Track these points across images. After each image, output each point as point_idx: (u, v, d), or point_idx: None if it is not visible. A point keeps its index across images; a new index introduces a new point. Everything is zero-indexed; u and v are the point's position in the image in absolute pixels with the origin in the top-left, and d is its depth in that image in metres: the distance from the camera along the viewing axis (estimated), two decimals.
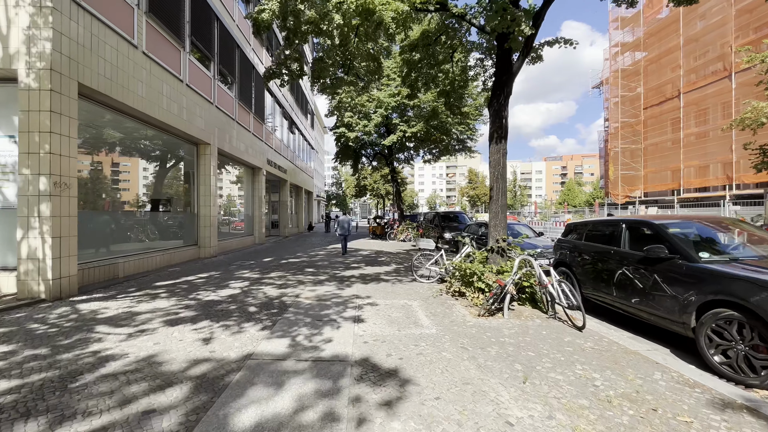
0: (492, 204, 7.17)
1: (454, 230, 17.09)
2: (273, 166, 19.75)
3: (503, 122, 7.08)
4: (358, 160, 26.02)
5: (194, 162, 11.71)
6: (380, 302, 6.41)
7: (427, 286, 7.99)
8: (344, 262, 11.61)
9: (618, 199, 29.31)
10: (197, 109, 10.96)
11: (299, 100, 27.82)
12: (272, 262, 11.35)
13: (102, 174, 8.33)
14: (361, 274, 9.40)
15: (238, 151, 14.37)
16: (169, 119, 9.36)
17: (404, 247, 17.76)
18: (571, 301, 5.26)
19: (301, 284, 7.90)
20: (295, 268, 10.15)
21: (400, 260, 12.40)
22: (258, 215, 17.61)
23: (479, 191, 62.97)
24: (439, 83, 10.79)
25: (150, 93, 8.57)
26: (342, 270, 10.01)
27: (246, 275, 8.93)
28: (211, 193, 11.84)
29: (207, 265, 10.53)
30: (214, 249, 12.14)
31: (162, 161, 10.67)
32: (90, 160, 7.90)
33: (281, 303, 6.21)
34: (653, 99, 27.52)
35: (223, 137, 12.90)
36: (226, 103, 13.23)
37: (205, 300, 6.30)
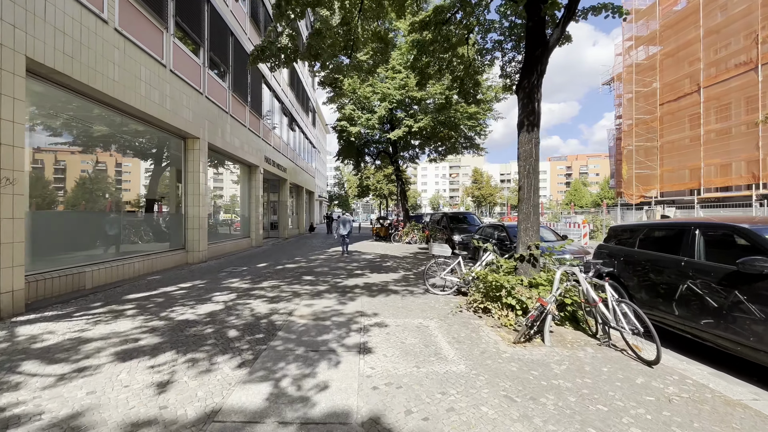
0: (522, 204, 6.04)
1: (463, 232, 15.96)
2: (271, 165, 18.68)
3: (535, 106, 5.96)
4: (361, 159, 24.94)
5: (182, 158, 10.64)
6: (390, 322, 5.29)
7: (443, 299, 6.87)
8: (346, 269, 10.51)
9: (632, 200, 28.06)
10: (184, 98, 9.89)
11: (300, 96, 26.76)
12: (267, 268, 10.26)
13: (67, 169, 7.26)
14: (366, 283, 8.28)
15: (232, 147, 13.29)
16: (149, 108, 8.29)
17: (410, 250, 16.64)
18: (635, 326, 4.13)
19: (296, 297, 6.79)
20: (292, 276, 9.05)
21: (408, 265, 11.29)
22: (255, 216, 16.54)
23: (484, 191, 61.72)
24: (452, 68, 9.69)
25: (125, 77, 7.49)
26: (344, 278, 8.90)
27: (235, 285, 7.83)
28: (200, 192, 10.77)
29: (193, 272, 9.44)
30: (203, 253, 11.06)
31: (143, 156, 9.60)
32: (53, 153, 6.83)
33: (270, 324, 5.10)
34: (670, 94, 26.28)
35: (214, 131, 11.83)
36: (218, 95, 12.16)
37: (177, 320, 5.20)
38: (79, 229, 7.27)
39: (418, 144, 24.40)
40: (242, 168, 16.02)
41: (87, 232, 7.48)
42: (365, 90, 16.84)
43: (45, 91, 6.23)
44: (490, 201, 60.55)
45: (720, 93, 22.75)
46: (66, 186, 7.22)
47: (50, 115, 6.63)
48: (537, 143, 5.96)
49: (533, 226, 5.93)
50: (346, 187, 65.87)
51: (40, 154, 6.55)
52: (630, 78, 28.93)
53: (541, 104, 6.03)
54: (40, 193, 6.57)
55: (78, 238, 7.20)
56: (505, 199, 61.76)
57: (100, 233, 7.85)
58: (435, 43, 8.83)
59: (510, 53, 9.48)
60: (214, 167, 13.73)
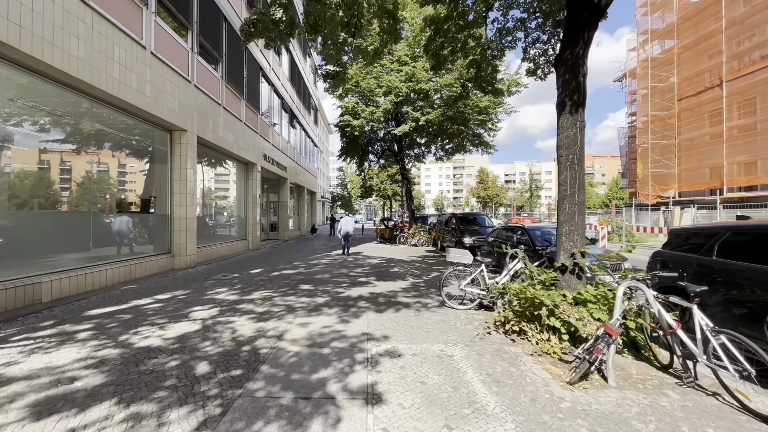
0: (564, 202, 4.95)
1: (474, 235, 14.86)
2: (270, 162, 17.66)
3: (581, 82, 4.87)
4: (365, 157, 23.90)
5: (167, 152, 9.62)
6: (404, 349, 4.22)
7: (464, 314, 5.79)
8: (349, 275, 9.44)
9: (648, 200, 26.81)
10: (168, 86, 8.87)
11: (301, 92, 25.76)
12: (261, 275, 9.21)
13: (25, 163, 6.24)
14: (372, 293, 7.20)
15: (225, 141, 12.27)
16: (124, 93, 7.27)
17: (417, 253, 15.56)
18: (744, 367, 3.03)
19: (290, 312, 5.73)
20: (288, 285, 7.98)
21: (417, 271, 10.21)
22: (252, 217, 15.51)
23: (490, 192, 60.40)
24: (468, 51, 8.61)
25: (93, 55, 6.47)
26: (347, 287, 7.83)
27: (220, 296, 6.78)
28: (187, 190, 9.74)
29: (178, 279, 8.40)
30: (192, 258, 10.02)
31: (121, 149, 8.58)
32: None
33: (252, 353, 4.03)
34: (689, 89, 25.05)
35: (205, 124, 10.81)
36: (209, 84, 11.15)
37: (137, 347, 4.14)
38: (35, 232, 6.25)
39: (424, 142, 23.35)
40: (238, 166, 15.00)
41: (48, 235, 6.45)
42: (369, 82, 15.79)
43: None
44: (497, 202, 59.22)
45: (744, 87, 21.51)
46: (20, 183, 6.20)
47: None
48: (582, 127, 4.87)
49: (578, 230, 4.84)
50: (349, 188, 64.86)
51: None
52: (645, 73, 27.71)
53: (586, 80, 4.93)
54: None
55: (35, 242, 6.17)
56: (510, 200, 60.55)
57: (64, 237, 6.82)
58: (450, 21, 7.77)
59: (534, 33, 8.39)
60: (206, 164, 12.72)
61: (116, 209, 8.33)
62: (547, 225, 10.60)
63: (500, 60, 9.13)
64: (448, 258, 6.34)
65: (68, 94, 6.57)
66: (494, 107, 16.55)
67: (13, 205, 5.95)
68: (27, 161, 6.25)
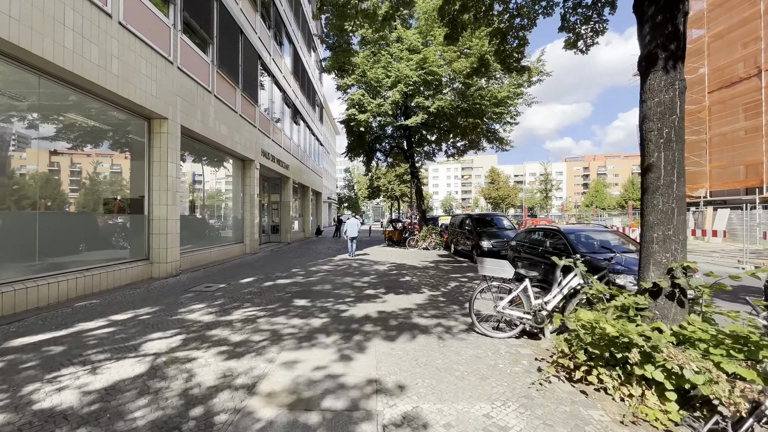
0: (655, 196, 3.49)
1: (493, 238, 13.40)
2: (270, 160, 16.40)
3: (678, 26, 3.44)
4: (372, 156, 22.52)
5: (145, 144, 8.36)
6: (431, 415, 2.82)
7: (504, 346, 4.38)
8: (354, 286, 8.06)
9: None
10: (143, 65, 7.60)
11: (305, 88, 24.53)
12: (251, 286, 7.88)
13: None
14: (381, 312, 5.81)
15: (216, 134, 11.00)
16: (81, 68, 6.00)
17: (429, 258, 14.14)
18: None
19: (274, 342, 4.36)
20: (280, 299, 6.63)
21: (432, 280, 8.80)
22: (249, 218, 14.24)
23: (502, 192, 58.45)
24: (493, 18, 7.21)
25: (33, 16, 5.20)
26: (351, 303, 6.45)
27: (192, 316, 5.44)
28: (168, 187, 8.47)
29: (151, 292, 7.10)
30: (173, 265, 8.74)
31: (80, 137, 7.31)
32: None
33: (203, 425, 2.66)
34: (720, 81, 23.26)
35: (191, 113, 9.54)
36: (196, 68, 9.89)
37: (33, 411, 2.79)
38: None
39: (435, 139, 21.93)
40: (234, 162, 13.74)
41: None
42: (377, 72, 14.43)
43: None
44: (509, 203, 57.27)
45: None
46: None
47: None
48: (682, 90, 3.43)
49: (678, 235, 3.39)
50: (356, 189, 63.65)
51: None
52: None
53: (686, 27, 3.49)
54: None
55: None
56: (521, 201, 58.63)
57: (9, 242, 5.55)
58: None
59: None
60: (195, 159, 11.46)
61: (77, 208, 7.07)
62: (584, 227, 9.10)
63: (529, 30, 7.68)
64: (481, 270, 4.91)
65: (4, 65, 5.31)
66: (513, 98, 15.05)
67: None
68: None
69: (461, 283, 8.76)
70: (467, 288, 8.07)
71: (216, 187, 13.13)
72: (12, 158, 5.81)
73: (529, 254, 9.14)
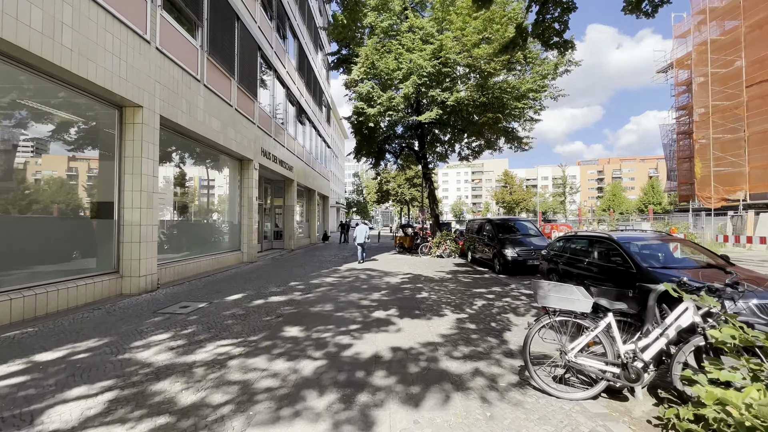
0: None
1: (518, 246, 11.89)
2: (272, 160, 15.15)
3: None
4: (381, 156, 21.19)
5: (116, 136, 7.10)
6: None
7: (583, 417, 2.90)
8: (360, 305, 6.64)
9: (710, 203, 23.08)
10: (110, 41, 6.36)
11: (311, 86, 23.36)
12: (236, 305, 6.52)
13: None
14: (396, 350, 4.36)
15: (207, 129, 9.75)
16: (15, 35, 4.75)
17: (445, 267, 12.67)
18: None
19: (239, 409, 2.95)
20: (265, 327, 5.23)
21: (454, 297, 7.33)
22: (247, 223, 12.96)
23: (516, 196, 56.33)
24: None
25: None
26: (356, 332, 5.02)
27: (144, 355, 4.08)
28: (142, 187, 7.19)
29: (112, 314, 5.78)
30: (150, 279, 7.44)
31: (38, 129, 6.07)
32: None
33: None
34: (760, 74, 21.37)
35: (174, 102, 8.30)
36: (181, 52, 8.66)
37: None
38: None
39: (448, 139, 20.51)
40: (230, 162, 12.49)
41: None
42: (388, 62, 13.09)
43: None
44: (523, 207, 55.15)
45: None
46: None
47: None
48: None
49: None
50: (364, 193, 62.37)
51: None
52: (702, 59, 24.16)
53: None
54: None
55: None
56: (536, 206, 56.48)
57: None
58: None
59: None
60: (181, 156, 10.22)
61: (25, 211, 5.81)
62: (638, 235, 7.53)
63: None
64: (541, 299, 3.41)
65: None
66: (539, 90, 13.54)
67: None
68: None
69: (489, 301, 7.28)
70: (498, 309, 6.58)
71: (208, 189, 11.88)
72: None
73: (570, 267, 7.63)
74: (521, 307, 6.83)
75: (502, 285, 9.29)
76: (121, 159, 7.12)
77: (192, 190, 10.91)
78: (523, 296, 7.87)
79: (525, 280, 10.49)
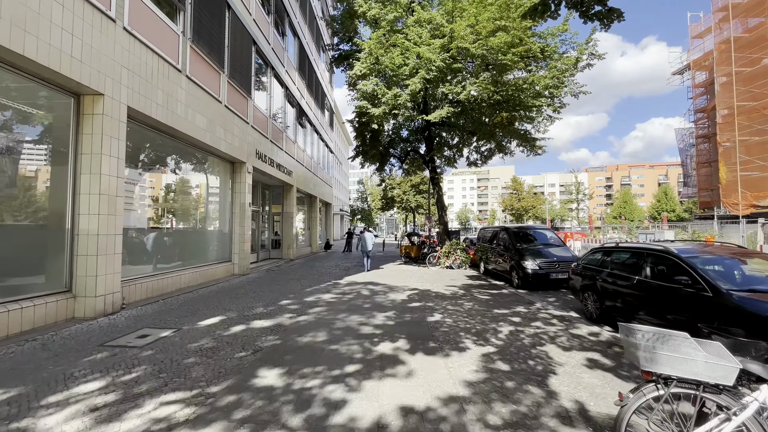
0: None
1: (539, 257, 10.61)
2: (268, 164, 14.05)
3: None
4: (385, 161, 20.03)
5: (71, 129, 5.99)
6: None
7: None
8: (360, 334, 5.39)
9: (737, 210, 21.59)
10: (56, 12, 5.28)
11: (312, 88, 22.39)
12: (207, 334, 5.30)
13: None
14: (408, 413, 3.09)
15: (189, 125, 8.65)
16: None
17: (457, 280, 11.39)
18: None
19: None
20: (234, 371, 3.99)
21: (473, 320, 6.06)
22: (239, 232, 11.80)
23: (525, 203, 54.74)
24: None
25: None
26: (353, 377, 3.76)
27: (48, 423, 2.86)
28: (102, 190, 6.05)
29: (47, 347, 4.58)
30: (111, 298, 6.25)
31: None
32: None
33: None
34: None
35: (147, 93, 7.20)
36: (157, 35, 7.59)
37: None
38: None
39: (456, 143, 19.31)
40: (220, 164, 11.38)
41: None
42: (393, 57, 12.00)
43: None
44: (533, 214, 53.52)
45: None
46: None
47: None
48: None
49: None
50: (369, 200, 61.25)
51: None
52: (725, 58, 22.88)
53: None
54: None
55: None
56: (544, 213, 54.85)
57: None
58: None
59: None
60: (157, 157, 9.11)
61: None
62: (703, 246, 6.22)
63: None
64: (644, 362, 2.13)
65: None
66: (559, 86, 12.33)
67: None
68: None
69: (515, 326, 6.01)
70: (530, 338, 5.30)
71: (193, 194, 10.74)
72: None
73: (613, 285, 6.34)
74: (558, 334, 5.56)
75: (525, 304, 8.00)
76: (77, 156, 6.00)
77: (173, 195, 9.78)
78: (554, 319, 6.59)
79: (549, 296, 9.22)
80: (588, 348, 4.99)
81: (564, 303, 8.44)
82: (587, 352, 4.81)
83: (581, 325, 6.21)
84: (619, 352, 4.82)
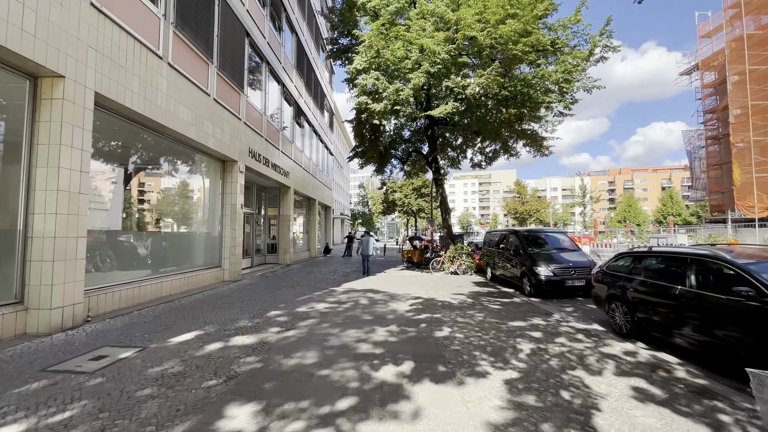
0: None
1: (552, 262, 9.79)
2: (262, 163, 13.28)
3: None
4: (386, 161, 19.26)
5: (26, 117, 5.22)
6: None
7: None
8: (358, 353, 4.56)
9: (752, 213, 20.75)
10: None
11: (311, 86, 21.69)
12: (178, 353, 4.48)
13: None
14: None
15: (170, 117, 7.88)
16: None
17: (463, 287, 10.54)
18: None
19: None
20: (199, 405, 3.17)
21: (486, 335, 5.23)
22: (230, 235, 11.00)
23: (529, 207, 53.81)
24: None
25: None
26: (346, 418, 2.92)
27: None
28: (61, 186, 5.27)
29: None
30: (72, 310, 5.45)
31: None
32: None
33: None
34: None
35: (120, 79, 6.44)
36: (133, 16, 6.85)
37: None
38: None
39: (459, 143, 18.55)
40: (208, 162, 10.61)
41: None
42: (395, 50, 11.27)
43: None
44: (538, 218, 52.57)
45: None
46: None
47: None
48: None
49: None
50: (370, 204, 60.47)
51: None
52: (737, 55, 22.15)
53: None
54: None
55: None
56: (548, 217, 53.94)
57: None
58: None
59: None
60: (135, 152, 8.34)
61: None
62: (751, 250, 5.39)
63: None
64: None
65: None
66: (571, 80, 11.57)
67: None
68: None
69: (536, 342, 5.19)
70: (557, 360, 4.48)
71: (177, 193, 9.96)
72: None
73: (649, 296, 5.51)
74: (588, 354, 4.74)
75: (542, 314, 7.16)
76: (32, 147, 5.22)
77: (154, 194, 9.00)
78: (579, 334, 5.76)
79: (566, 305, 8.40)
80: (628, 373, 4.16)
81: (584, 313, 7.60)
82: (629, 378, 3.99)
83: (612, 342, 5.37)
84: (666, 378, 4.00)
